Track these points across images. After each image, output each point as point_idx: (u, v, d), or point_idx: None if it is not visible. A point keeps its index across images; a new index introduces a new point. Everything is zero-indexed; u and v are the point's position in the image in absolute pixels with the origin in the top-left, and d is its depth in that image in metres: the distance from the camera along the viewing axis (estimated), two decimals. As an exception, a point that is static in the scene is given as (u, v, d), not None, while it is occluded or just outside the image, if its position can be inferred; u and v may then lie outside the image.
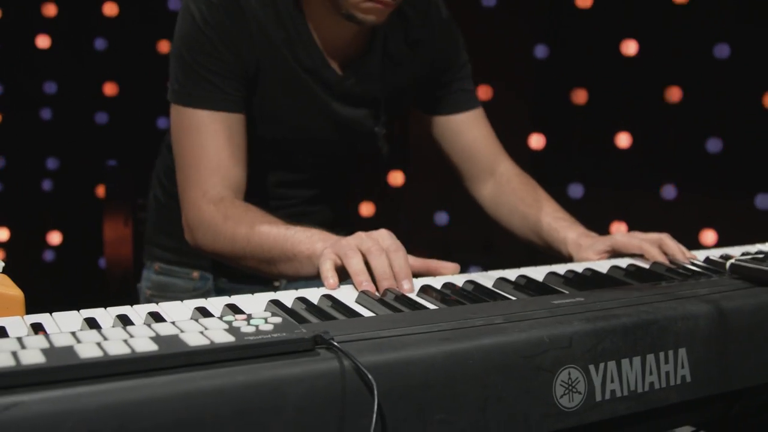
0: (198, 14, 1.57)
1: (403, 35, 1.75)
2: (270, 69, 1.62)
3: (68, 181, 3.87)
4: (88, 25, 3.79)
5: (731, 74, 3.31)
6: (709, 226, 3.36)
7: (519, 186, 1.82)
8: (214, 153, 1.56)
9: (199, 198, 1.55)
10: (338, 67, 1.69)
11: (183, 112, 1.58)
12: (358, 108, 1.73)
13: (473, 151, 1.85)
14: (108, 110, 3.83)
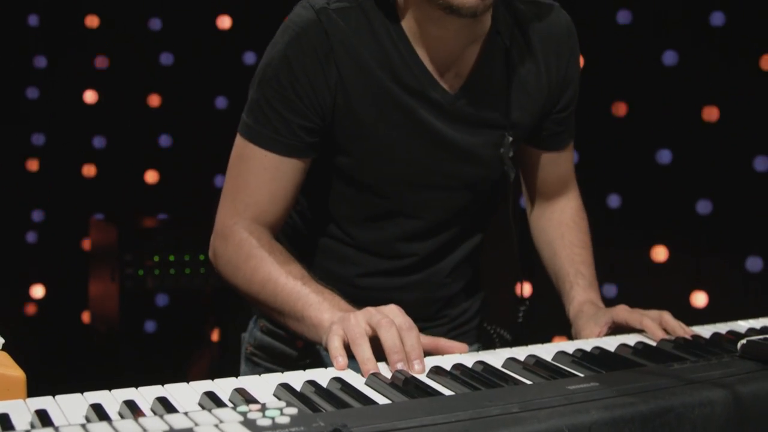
0: (281, 46, 1.49)
1: (528, 48, 1.59)
2: (365, 100, 1.51)
3: (53, 234, 3.83)
4: (78, 77, 3.78)
5: (721, 136, 3.33)
6: (700, 288, 3.36)
7: (567, 220, 1.76)
8: (254, 190, 1.52)
9: (227, 228, 1.52)
10: (450, 86, 1.53)
11: (241, 140, 1.54)
12: (475, 133, 1.57)
13: (550, 182, 1.76)
14: (96, 162, 3.81)
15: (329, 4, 1.49)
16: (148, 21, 3.71)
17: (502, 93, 1.56)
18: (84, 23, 3.74)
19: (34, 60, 3.76)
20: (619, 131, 3.46)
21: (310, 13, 1.48)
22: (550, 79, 1.61)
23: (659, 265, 3.43)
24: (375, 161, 1.55)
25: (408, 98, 1.51)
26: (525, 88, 1.58)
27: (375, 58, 1.49)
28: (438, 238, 1.64)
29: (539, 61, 1.59)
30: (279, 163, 1.51)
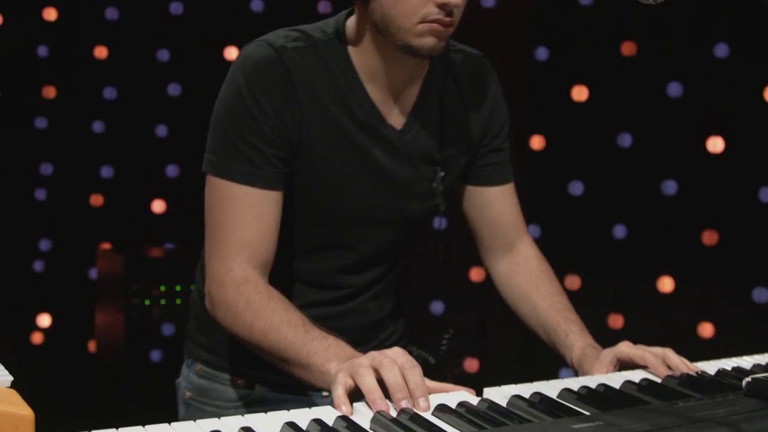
0: (243, 83, 1.52)
1: (458, 94, 1.70)
2: (321, 136, 1.56)
3: (60, 263, 3.84)
4: (87, 108, 3.80)
5: (726, 167, 3.34)
6: (706, 318, 3.35)
7: (535, 271, 1.78)
8: (243, 229, 1.52)
9: (223, 274, 1.51)
10: (397, 121, 1.62)
11: (217, 183, 1.54)
12: (416, 168, 1.65)
13: (498, 225, 1.79)
14: (103, 192, 3.83)
15: (287, 43, 1.55)
16: (156, 52, 3.74)
17: (437, 129, 1.66)
18: (93, 54, 3.77)
19: (43, 90, 3.79)
20: (625, 162, 3.47)
21: (268, 50, 1.53)
22: (478, 120, 1.72)
23: (666, 296, 3.43)
24: (325, 194, 1.60)
25: (360, 134, 1.58)
26: (455, 126, 1.69)
27: (331, 96, 1.56)
28: (372, 270, 1.71)
29: (468, 104, 1.70)
30: (262, 197, 1.53)
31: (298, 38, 1.56)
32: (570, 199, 3.51)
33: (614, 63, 3.45)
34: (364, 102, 1.58)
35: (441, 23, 1.47)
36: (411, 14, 1.47)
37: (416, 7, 1.46)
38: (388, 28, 1.50)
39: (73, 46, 3.80)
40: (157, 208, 3.80)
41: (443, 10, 1.47)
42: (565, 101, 3.50)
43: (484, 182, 1.77)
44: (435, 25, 1.47)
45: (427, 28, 1.48)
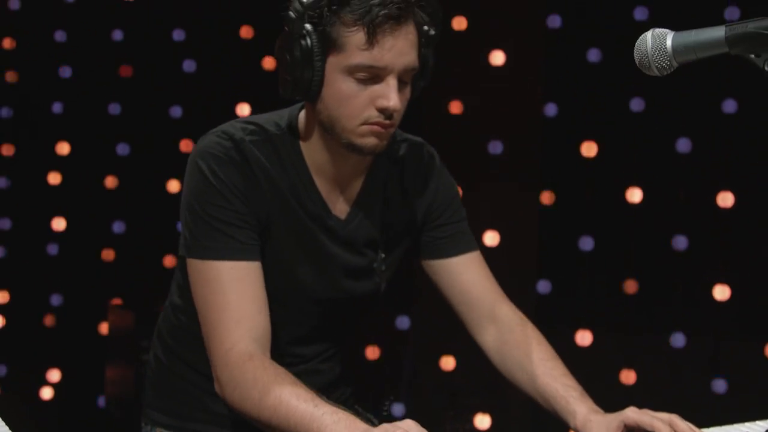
0: (207, 168, 1.61)
1: (400, 181, 1.80)
2: (279, 221, 1.66)
3: (71, 318, 3.84)
4: (99, 163, 3.84)
5: (736, 222, 3.34)
6: (719, 374, 3.33)
7: (522, 338, 1.79)
8: (236, 304, 1.56)
9: (225, 354, 1.55)
10: (341, 212, 1.73)
11: (199, 265, 1.60)
12: (361, 254, 1.76)
13: (470, 295, 1.82)
14: (115, 247, 3.84)
15: (245, 136, 1.65)
16: (168, 108, 3.78)
17: (378, 218, 1.77)
18: (106, 110, 3.82)
19: (57, 146, 3.83)
20: (635, 218, 3.47)
21: (228, 142, 1.64)
22: (420, 202, 1.82)
23: (678, 351, 3.40)
24: (277, 274, 1.67)
25: (311, 223, 1.69)
26: (397, 212, 1.80)
27: (285, 186, 1.66)
28: (322, 343, 1.80)
29: (408, 189, 1.81)
30: (248, 269, 1.60)
31: (253, 131, 1.67)
32: (580, 254, 3.51)
33: (623, 119, 3.47)
34: (312, 193, 1.69)
35: (381, 125, 1.59)
36: (354, 116, 1.59)
37: (358, 111, 1.58)
38: (333, 128, 1.61)
39: (86, 101, 3.84)
40: (169, 263, 3.81)
41: (384, 114, 1.58)
42: (574, 157, 3.52)
43: (440, 255, 1.84)
44: (376, 127, 1.59)
45: (368, 130, 1.59)
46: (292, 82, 1.60)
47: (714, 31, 1.26)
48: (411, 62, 1.59)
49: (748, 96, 3.32)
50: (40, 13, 3.83)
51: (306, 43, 1.56)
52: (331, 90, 1.58)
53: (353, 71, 1.56)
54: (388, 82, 1.57)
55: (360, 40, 1.54)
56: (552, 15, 3.53)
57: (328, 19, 1.55)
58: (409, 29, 1.58)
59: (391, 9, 1.53)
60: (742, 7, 3.29)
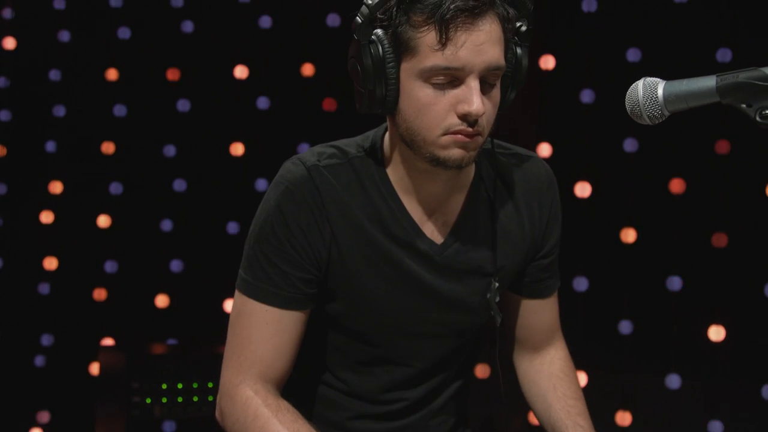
0: (273, 203, 1.54)
1: (511, 200, 1.65)
2: (356, 254, 1.55)
3: (62, 359, 3.81)
4: (92, 202, 3.82)
5: (731, 262, 3.34)
6: (715, 415, 3.30)
7: (556, 372, 1.77)
8: (258, 345, 1.54)
9: (234, 387, 1.54)
10: (437, 236, 1.59)
11: (240, 297, 1.58)
12: (463, 282, 1.61)
13: (534, 331, 1.78)
14: (107, 287, 3.82)
15: (320, 161, 1.55)
16: (162, 147, 3.78)
17: (486, 241, 1.62)
18: (100, 149, 3.81)
19: (50, 185, 3.82)
20: (628, 258, 3.46)
21: (301, 169, 1.54)
22: (533, 228, 1.67)
23: (673, 392, 3.38)
24: (364, 311, 1.59)
25: (397, 250, 1.56)
26: (508, 236, 1.64)
27: (365, 212, 1.55)
28: (427, 383, 1.67)
29: (521, 211, 1.65)
30: (280, 316, 1.54)
31: (332, 155, 1.57)
32: (575, 294, 3.50)
33: (617, 159, 3.47)
34: (401, 217, 1.56)
35: (465, 134, 1.45)
36: (434, 126, 1.45)
37: (438, 119, 1.44)
38: (414, 141, 1.48)
39: (79, 141, 3.84)
40: (161, 303, 3.79)
41: (466, 121, 1.44)
42: (568, 197, 3.52)
43: (528, 294, 1.75)
44: (459, 137, 1.45)
45: (451, 140, 1.45)
46: (366, 94, 1.47)
47: (705, 81, 1.26)
48: (493, 60, 1.44)
49: (741, 136, 3.33)
50: (34, 50, 3.84)
51: (376, 49, 1.44)
52: (408, 99, 1.45)
53: (429, 75, 1.43)
54: (468, 84, 1.42)
55: (432, 40, 1.40)
56: (545, 56, 3.54)
57: (397, 21, 1.43)
58: (488, 24, 1.43)
59: (463, 1, 1.39)
60: (733, 48, 3.31)
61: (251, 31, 3.70)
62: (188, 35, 3.77)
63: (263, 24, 3.70)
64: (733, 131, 3.34)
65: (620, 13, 3.47)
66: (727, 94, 1.24)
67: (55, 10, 3.82)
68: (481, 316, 1.66)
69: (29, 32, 3.84)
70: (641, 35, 3.44)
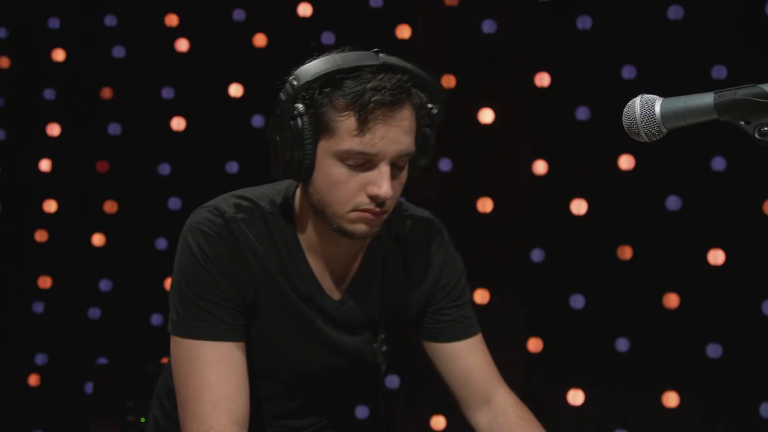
0: (195, 246, 1.60)
1: (403, 260, 1.77)
2: (268, 299, 1.64)
3: (56, 378, 3.78)
4: (86, 221, 3.81)
5: (727, 280, 3.33)
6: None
7: (516, 420, 1.79)
8: (216, 385, 1.54)
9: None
10: (335, 292, 1.70)
11: (182, 343, 1.58)
12: (356, 334, 1.74)
13: (469, 379, 1.81)
14: (101, 306, 3.80)
15: (236, 214, 1.63)
16: (157, 166, 3.77)
17: (378, 296, 1.73)
18: (94, 167, 3.80)
19: (44, 204, 3.80)
20: (625, 275, 3.46)
21: (219, 219, 1.62)
22: (423, 281, 1.78)
23: (671, 410, 3.37)
24: (269, 353, 1.67)
25: (300, 302, 1.66)
26: (398, 292, 1.76)
27: (275, 265, 1.64)
28: (316, 415, 1.78)
29: (411, 267, 1.77)
30: (230, 350, 1.57)
31: (246, 208, 1.65)
32: (571, 312, 3.49)
33: (613, 176, 3.47)
34: (305, 274, 1.66)
35: (372, 213, 1.56)
36: (344, 202, 1.55)
37: (349, 197, 1.55)
38: (324, 212, 1.58)
39: (74, 159, 3.83)
40: (156, 321, 3.77)
41: (374, 201, 1.55)
42: (564, 214, 3.51)
43: (442, 339, 1.81)
44: (367, 214, 1.56)
45: (359, 216, 1.56)
46: (282, 164, 1.57)
47: (703, 98, 1.25)
48: (405, 149, 1.55)
49: (737, 153, 3.33)
50: (29, 71, 3.84)
51: (297, 124, 1.53)
52: (322, 174, 1.55)
53: (344, 157, 1.53)
54: (380, 169, 1.53)
55: (351, 126, 1.50)
56: (541, 73, 3.55)
57: (319, 103, 1.52)
58: (404, 114, 1.54)
59: (384, 95, 1.49)
60: (728, 65, 3.31)
61: (246, 49, 3.70)
62: (183, 54, 3.77)
63: (258, 42, 3.71)
64: (729, 148, 3.34)
65: (615, 30, 3.48)
66: (726, 111, 1.23)
67: (49, 30, 3.82)
68: (368, 363, 1.76)
69: (23, 51, 3.84)
70: (636, 52, 3.44)
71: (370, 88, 1.49)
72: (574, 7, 3.51)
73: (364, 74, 1.51)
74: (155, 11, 3.78)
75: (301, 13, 3.66)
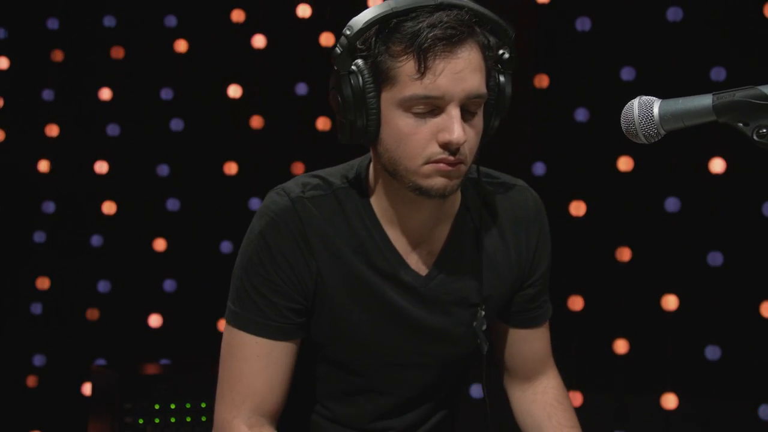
0: (257, 233, 1.54)
1: (497, 229, 1.64)
2: (339, 285, 1.55)
3: (53, 379, 3.78)
4: (85, 222, 3.81)
5: (726, 281, 3.33)
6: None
7: (551, 401, 1.75)
8: (249, 378, 1.53)
9: (228, 421, 1.53)
10: (422, 267, 1.59)
11: (230, 330, 1.56)
12: (448, 313, 1.61)
13: (525, 360, 1.75)
14: (99, 306, 3.80)
15: (304, 192, 1.55)
16: (155, 167, 3.77)
17: (472, 271, 1.60)
18: (93, 170, 3.80)
19: (42, 205, 3.80)
20: (624, 277, 3.45)
21: (285, 200, 1.54)
22: (519, 258, 1.65)
23: (669, 412, 3.36)
24: (348, 342, 1.59)
25: (380, 281, 1.56)
26: (494, 266, 1.62)
27: (348, 244, 1.54)
28: (413, 413, 1.67)
29: (507, 241, 1.64)
30: (271, 348, 1.53)
31: (316, 186, 1.56)
32: (570, 313, 3.48)
33: (612, 178, 3.47)
34: (384, 249, 1.55)
35: (447, 162, 1.45)
36: (415, 156, 1.45)
37: (419, 149, 1.44)
38: (396, 171, 1.48)
39: (72, 159, 3.82)
40: (154, 323, 3.76)
41: (447, 149, 1.44)
42: (563, 216, 3.51)
43: (516, 324, 1.72)
44: (441, 165, 1.45)
45: (433, 169, 1.45)
46: (347, 125, 1.47)
47: (701, 100, 1.25)
48: (474, 88, 1.44)
49: (736, 155, 3.33)
50: (27, 72, 3.83)
51: (356, 80, 1.44)
52: (389, 128, 1.45)
53: (409, 105, 1.43)
54: (449, 112, 1.43)
55: (411, 69, 1.41)
56: (539, 75, 3.54)
57: (377, 51, 1.43)
58: (468, 51, 1.43)
59: (443, 30, 1.39)
60: (727, 67, 3.31)
61: (245, 50, 3.70)
62: (182, 54, 3.77)
63: (257, 43, 3.71)
64: (728, 149, 3.34)
65: (614, 31, 3.47)
66: (724, 112, 1.23)
67: (48, 30, 3.82)
68: (466, 346, 1.65)
69: (22, 52, 3.84)
70: (635, 54, 3.44)
71: (427, 25, 1.39)
72: (573, 8, 3.51)
73: (422, 14, 1.41)
74: (154, 12, 3.77)
75: (300, 14, 3.65)
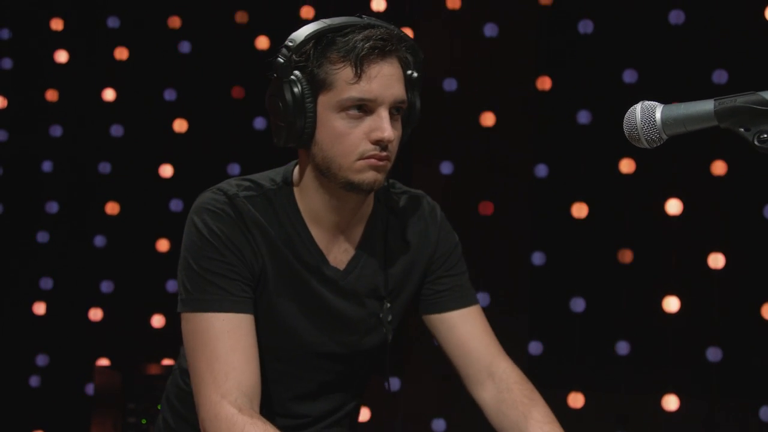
0: (201, 224, 1.64)
1: (401, 232, 1.81)
2: (274, 273, 1.67)
3: (57, 379, 3.79)
4: (88, 222, 3.82)
5: (728, 283, 3.34)
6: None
7: (520, 398, 1.77)
8: (226, 356, 1.57)
9: (215, 405, 1.56)
10: (340, 262, 1.74)
11: (192, 318, 1.62)
12: (362, 305, 1.76)
13: (467, 348, 1.81)
14: (102, 307, 3.81)
15: (238, 192, 1.68)
16: (158, 167, 3.78)
17: (381, 267, 1.77)
18: (96, 169, 3.81)
19: (46, 205, 3.81)
20: (625, 278, 3.46)
21: (222, 197, 1.67)
22: (421, 254, 1.82)
23: (671, 413, 3.37)
24: (276, 329, 1.69)
25: (306, 273, 1.70)
26: (399, 261, 1.80)
27: (281, 239, 1.68)
28: (329, 398, 1.79)
29: (409, 240, 1.82)
30: (238, 321, 1.61)
31: (248, 187, 1.70)
32: (572, 315, 3.49)
33: (614, 180, 3.48)
34: (308, 244, 1.70)
35: (378, 158, 1.61)
36: (349, 153, 1.61)
37: (353, 146, 1.61)
38: (329, 169, 1.63)
39: (76, 160, 3.84)
40: (157, 323, 3.78)
41: (378, 146, 1.61)
42: (565, 218, 3.52)
43: (439, 308, 1.84)
44: (372, 160, 1.61)
45: (365, 164, 1.61)
46: (285, 128, 1.63)
47: (703, 105, 1.26)
48: (400, 94, 1.63)
49: (737, 157, 3.34)
50: (30, 73, 3.85)
51: (296, 86, 1.61)
52: (325, 130, 1.62)
53: (344, 107, 1.60)
54: (379, 113, 1.60)
55: (348, 75, 1.59)
56: (542, 77, 3.55)
57: (315, 61, 1.61)
58: (394, 63, 1.62)
59: (375, 42, 1.59)
60: (729, 70, 3.32)
61: (248, 51, 3.71)
62: (185, 56, 3.78)
63: (260, 45, 3.72)
64: (729, 152, 3.35)
65: (617, 34, 3.48)
66: (726, 118, 1.24)
67: (52, 31, 3.83)
68: (377, 335, 1.79)
69: (26, 52, 3.85)
70: (638, 57, 3.45)
71: (361, 38, 1.59)
72: (576, 11, 3.52)
73: (355, 30, 1.61)
74: (158, 13, 3.79)
75: (304, 15, 3.66)
